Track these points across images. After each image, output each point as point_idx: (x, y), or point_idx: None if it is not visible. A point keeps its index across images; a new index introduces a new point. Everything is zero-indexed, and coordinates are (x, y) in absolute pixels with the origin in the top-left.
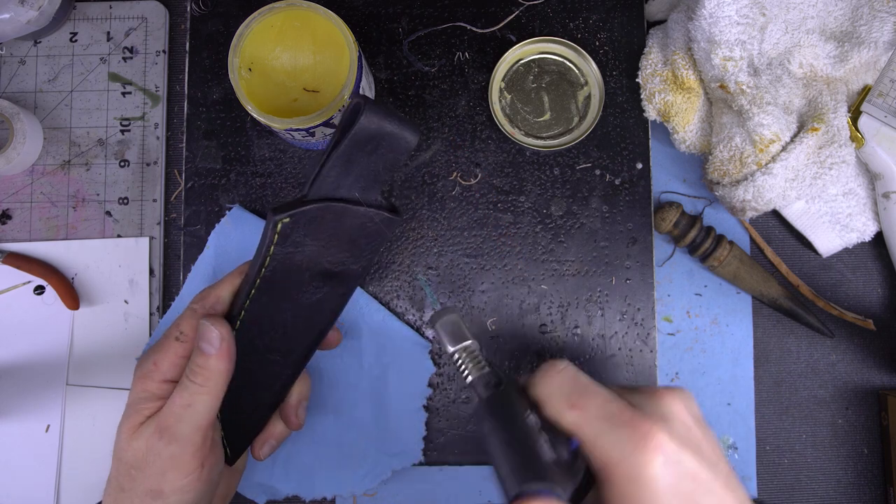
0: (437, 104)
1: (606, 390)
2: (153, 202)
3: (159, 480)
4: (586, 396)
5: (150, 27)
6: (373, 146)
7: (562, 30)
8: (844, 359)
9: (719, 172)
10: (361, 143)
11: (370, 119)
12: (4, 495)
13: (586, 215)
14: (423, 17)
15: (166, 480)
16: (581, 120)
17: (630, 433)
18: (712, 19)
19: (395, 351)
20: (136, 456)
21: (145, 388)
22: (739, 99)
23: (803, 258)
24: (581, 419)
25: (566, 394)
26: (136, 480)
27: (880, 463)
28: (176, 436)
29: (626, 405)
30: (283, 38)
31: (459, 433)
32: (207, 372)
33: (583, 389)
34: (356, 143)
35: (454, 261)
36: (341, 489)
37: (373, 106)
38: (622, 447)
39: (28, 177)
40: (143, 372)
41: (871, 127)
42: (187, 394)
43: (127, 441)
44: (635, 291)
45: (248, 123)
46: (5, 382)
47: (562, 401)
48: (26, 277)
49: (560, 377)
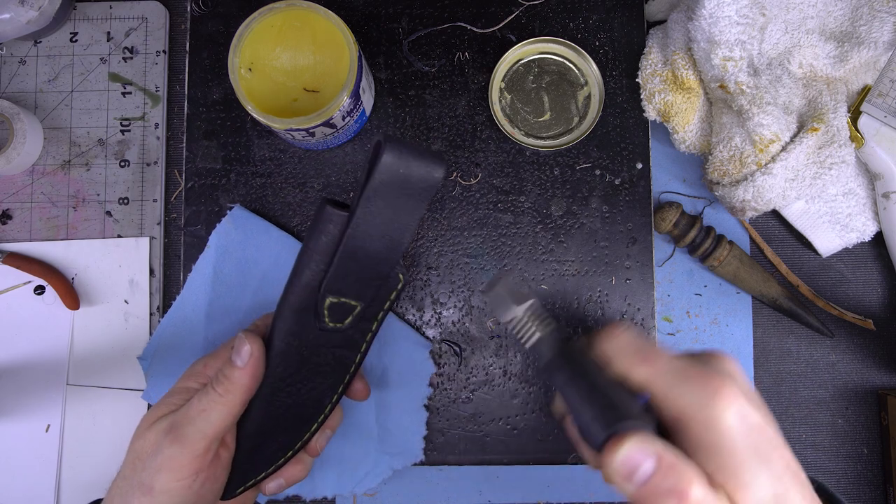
0: (437, 104)
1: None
2: (153, 202)
3: (153, 476)
4: (655, 353)
5: (151, 27)
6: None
7: (562, 30)
8: (844, 359)
9: (719, 172)
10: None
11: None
12: (4, 495)
13: (586, 215)
14: (423, 17)
15: (159, 478)
16: (581, 120)
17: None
18: (712, 19)
19: (395, 351)
20: (143, 447)
21: (184, 385)
22: (739, 99)
23: (803, 258)
24: (653, 373)
25: (635, 351)
26: (136, 471)
27: (880, 463)
28: (181, 437)
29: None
30: (283, 38)
31: (460, 433)
32: (230, 383)
33: (647, 347)
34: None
35: (454, 261)
36: (341, 489)
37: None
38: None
39: (28, 177)
40: (191, 371)
41: (870, 127)
42: (206, 399)
43: (142, 430)
44: (635, 291)
45: (248, 123)
46: (5, 382)
47: (632, 357)
48: (26, 277)
49: (625, 336)
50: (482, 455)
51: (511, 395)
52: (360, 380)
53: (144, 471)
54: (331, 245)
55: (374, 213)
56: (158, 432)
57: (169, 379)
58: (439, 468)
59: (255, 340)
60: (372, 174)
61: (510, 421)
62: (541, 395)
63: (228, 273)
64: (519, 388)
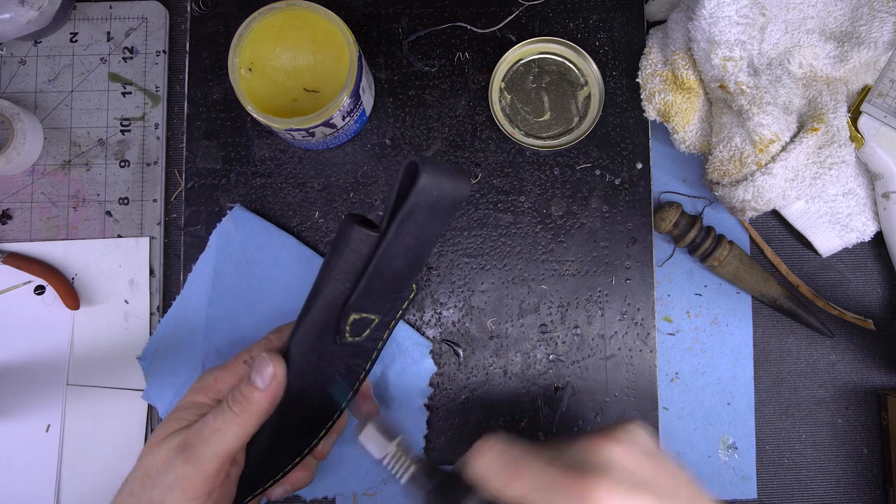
0: (437, 104)
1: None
2: (153, 202)
3: (164, 495)
4: (521, 469)
5: (151, 27)
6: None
7: (562, 30)
8: (844, 359)
9: (719, 172)
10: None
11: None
12: (4, 495)
13: (586, 215)
14: (423, 17)
15: (171, 498)
16: (581, 120)
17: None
18: (712, 19)
19: (395, 351)
20: (154, 464)
21: (194, 400)
22: (739, 99)
23: (803, 258)
24: (524, 490)
25: (500, 470)
26: (145, 488)
27: (880, 463)
28: (194, 456)
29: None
30: (283, 38)
31: (460, 433)
32: (248, 404)
33: (515, 462)
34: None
35: (454, 261)
36: (341, 489)
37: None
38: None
39: (28, 177)
40: (200, 384)
41: (870, 127)
42: (221, 419)
43: (151, 446)
44: (635, 291)
45: (248, 123)
46: (5, 382)
47: (498, 478)
48: (26, 277)
49: (491, 455)
50: None
51: (511, 395)
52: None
53: (154, 489)
54: (358, 264)
55: (405, 234)
56: (170, 450)
57: (169, 379)
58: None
59: (279, 362)
60: (407, 197)
61: (510, 421)
62: (541, 394)
63: (228, 273)
64: (519, 388)
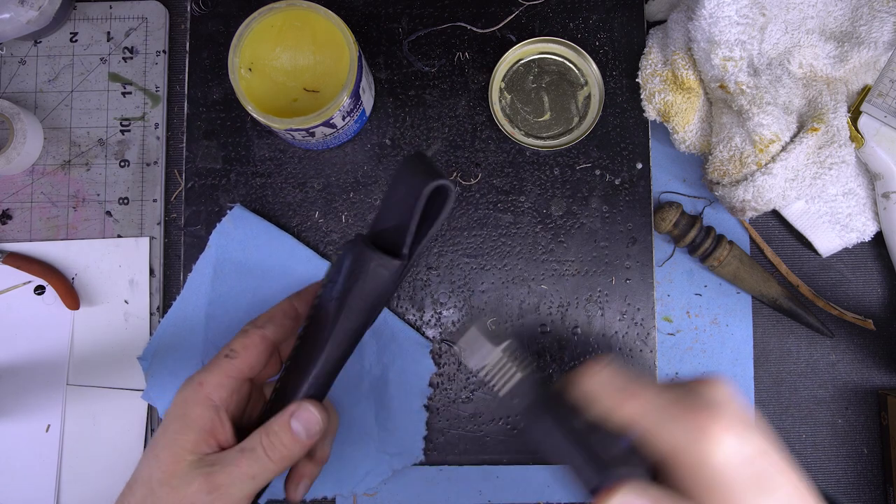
0: (437, 104)
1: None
2: (153, 202)
3: None
4: (636, 392)
5: (151, 27)
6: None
7: (562, 30)
8: (844, 359)
9: (719, 172)
10: None
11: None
12: (4, 495)
13: (586, 215)
14: (423, 17)
15: None
16: (581, 120)
17: (690, 422)
18: (712, 19)
19: (395, 351)
20: (174, 496)
21: (186, 413)
22: (739, 99)
23: (803, 258)
24: (638, 412)
25: (618, 388)
26: None
27: (880, 463)
28: (225, 496)
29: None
30: (283, 38)
31: (460, 433)
32: (287, 453)
33: (630, 384)
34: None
35: (454, 261)
36: (341, 489)
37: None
38: (685, 436)
39: (28, 177)
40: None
41: (870, 127)
42: (257, 466)
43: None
44: (635, 291)
45: (248, 123)
46: (5, 382)
47: (614, 395)
48: (26, 277)
49: (606, 373)
50: (482, 455)
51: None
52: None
53: None
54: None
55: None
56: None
57: (169, 379)
58: (439, 468)
59: (322, 410)
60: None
61: (510, 421)
62: None
63: (228, 273)
64: None
